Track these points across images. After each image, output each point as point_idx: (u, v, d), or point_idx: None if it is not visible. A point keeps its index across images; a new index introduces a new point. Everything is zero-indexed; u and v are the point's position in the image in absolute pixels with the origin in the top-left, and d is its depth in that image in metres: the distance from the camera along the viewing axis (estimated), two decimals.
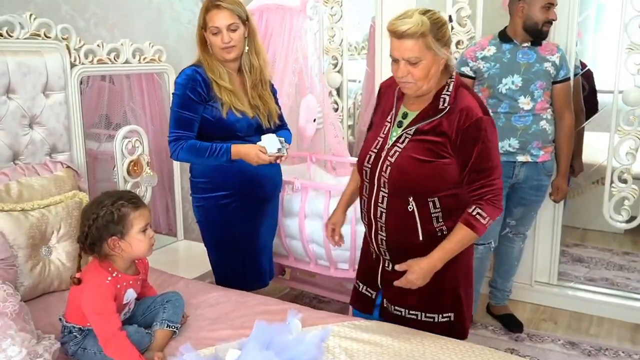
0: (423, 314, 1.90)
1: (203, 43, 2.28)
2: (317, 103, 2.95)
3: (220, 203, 2.31)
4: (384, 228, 1.86)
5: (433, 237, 1.80)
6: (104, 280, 1.71)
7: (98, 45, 2.63)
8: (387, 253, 1.90)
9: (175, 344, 1.79)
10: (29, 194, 2.15)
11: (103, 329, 1.66)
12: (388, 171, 1.79)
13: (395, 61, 1.71)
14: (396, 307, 1.93)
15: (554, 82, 2.71)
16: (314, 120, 2.91)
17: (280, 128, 2.45)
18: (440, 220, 1.80)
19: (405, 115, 1.82)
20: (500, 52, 2.68)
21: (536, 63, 2.64)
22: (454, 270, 1.85)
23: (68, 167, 2.41)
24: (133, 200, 1.77)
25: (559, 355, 2.73)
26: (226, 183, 2.29)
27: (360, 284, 2.08)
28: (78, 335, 1.73)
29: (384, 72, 3.39)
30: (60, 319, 1.78)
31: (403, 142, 1.78)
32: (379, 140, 1.86)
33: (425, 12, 1.67)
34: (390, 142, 1.82)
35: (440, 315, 1.89)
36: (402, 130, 1.80)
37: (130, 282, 1.79)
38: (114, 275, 1.73)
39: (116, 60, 2.72)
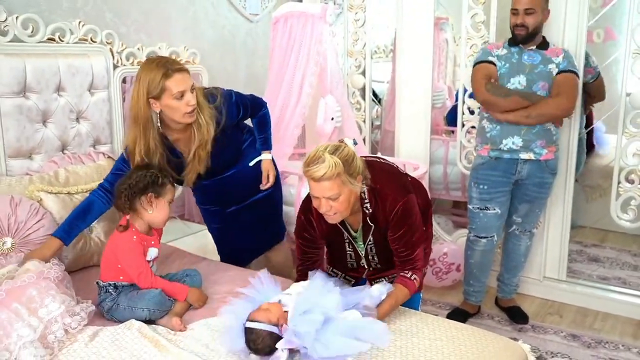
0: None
1: (148, 121, 2.15)
2: (336, 103, 3.16)
3: (208, 209, 2.65)
4: (372, 264, 2.18)
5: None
6: (131, 238, 2.04)
7: (138, 49, 2.93)
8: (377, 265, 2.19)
9: (193, 312, 2.05)
10: (75, 180, 2.47)
11: (138, 270, 2.01)
12: (376, 260, 2.14)
13: (316, 198, 1.87)
14: (377, 280, 2.16)
15: (555, 75, 2.79)
16: (332, 118, 3.12)
17: (254, 120, 2.56)
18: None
19: (355, 239, 2.09)
20: (510, 53, 2.83)
21: (540, 64, 2.78)
22: (419, 237, 2.06)
23: (109, 157, 2.72)
24: (171, 180, 2.16)
25: (559, 346, 2.85)
26: (207, 199, 2.61)
27: (338, 272, 2.26)
28: (113, 292, 2.03)
29: (403, 75, 3.59)
30: (97, 282, 2.07)
31: (372, 250, 2.11)
32: (351, 254, 2.15)
33: (334, 152, 1.83)
34: (363, 253, 2.12)
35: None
36: (366, 245, 2.09)
37: (152, 242, 2.10)
38: (138, 233, 2.07)
39: None
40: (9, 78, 2.37)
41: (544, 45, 2.83)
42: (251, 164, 2.54)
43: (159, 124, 2.19)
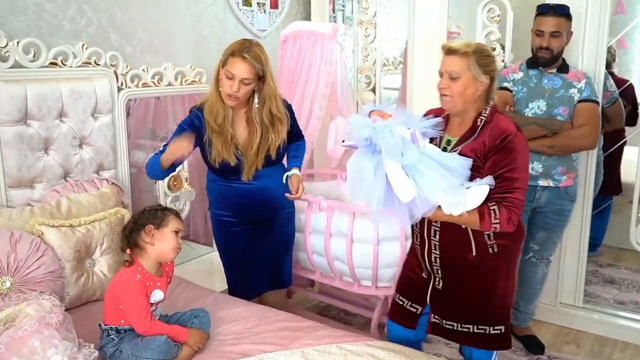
0: (475, 326, 2.07)
1: (217, 78, 2.36)
2: (347, 125, 3.06)
3: (221, 219, 2.53)
4: (437, 246, 2.05)
5: (485, 253, 1.99)
6: (134, 277, 1.94)
7: (143, 70, 2.84)
8: (439, 271, 2.09)
9: (200, 355, 1.97)
10: (77, 210, 2.38)
11: (137, 313, 1.90)
12: None
13: (440, 75, 1.95)
14: (447, 322, 2.11)
15: (577, 103, 2.69)
16: (343, 141, 3.02)
17: (293, 144, 2.60)
18: (492, 237, 1.97)
19: (448, 142, 2.02)
20: (527, 77, 2.73)
21: (561, 89, 2.68)
22: (503, 286, 2.05)
23: (113, 183, 2.63)
24: (175, 211, 2.08)
25: None
26: (225, 204, 2.50)
27: (404, 299, 2.23)
28: (115, 338, 1.93)
29: (415, 88, 3.49)
30: (99, 325, 1.98)
31: None
32: None
33: (478, 44, 1.96)
34: None
35: (492, 328, 2.06)
36: (448, 151, 1.98)
37: (158, 283, 2.00)
38: (142, 272, 1.96)
39: (159, 83, 2.93)
40: (9, 106, 2.28)
41: (564, 68, 2.73)
42: (284, 177, 2.50)
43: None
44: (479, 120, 1.95)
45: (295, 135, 2.60)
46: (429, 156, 1.86)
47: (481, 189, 1.85)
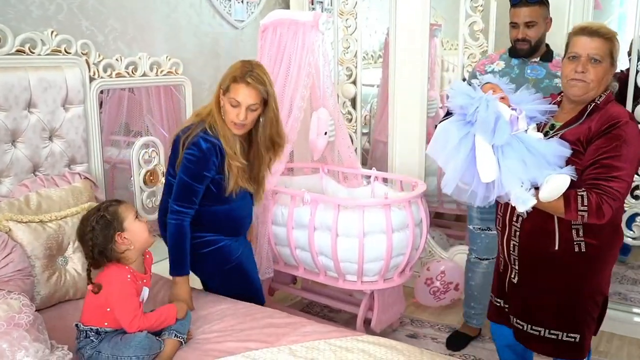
0: (547, 330, 1.93)
1: (219, 103, 2.21)
2: (329, 116, 2.98)
3: (222, 245, 2.33)
4: (517, 233, 1.93)
5: (569, 250, 1.84)
6: (126, 278, 1.82)
7: (117, 59, 2.72)
8: (516, 262, 1.97)
9: (183, 353, 1.87)
10: (48, 205, 2.25)
11: (132, 314, 1.79)
12: None
13: (574, 58, 1.82)
14: (518, 321, 1.99)
15: None
16: (325, 133, 2.95)
17: None
18: (580, 233, 1.82)
19: (552, 127, 1.92)
20: (509, 67, 2.62)
21: (545, 79, 2.59)
22: (587, 291, 1.89)
23: (86, 178, 2.50)
24: (113, 200, 1.93)
25: None
26: (213, 226, 2.30)
27: (493, 296, 2.17)
28: (94, 339, 1.81)
29: (397, 84, 3.43)
30: (76, 325, 1.86)
31: None
32: None
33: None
34: None
35: (565, 334, 1.92)
36: (548, 137, 1.87)
37: (144, 280, 1.90)
38: (132, 272, 1.85)
39: (134, 74, 2.81)
40: None
41: (548, 56, 2.62)
42: None
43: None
44: (589, 105, 1.83)
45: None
46: (524, 142, 1.77)
47: (558, 178, 1.72)
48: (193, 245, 2.21)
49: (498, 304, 2.14)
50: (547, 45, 2.63)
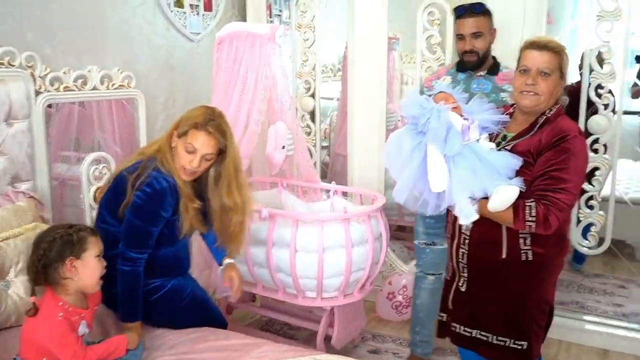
0: (495, 337, 1.95)
1: (170, 144, 2.13)
2: (287, 129, 2.94)
3: (171, 289, 2.22)
4: (467, 241, 1.96)
5: (516, 259, 1.87)
6: (56, 318, 1.70)
7: (64, 73, 2.62)
8: (465, 270, 2.00)
9: None
10: None
11: (70, 352, 1.68)
12: None
13: (524, 72, 1.87)
14: (466, 328, 2.01)
15: None
16: (283, 146, 2.90)
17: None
18: (527, 242, 1.86)
19: (504, 138, 1.95)
20: (455, 81, 2.54)
21: (492, 93, 2.52)
22: (534, 300, 1.92)
23: (30, 196, 2.38)
24: (88, 228, 1.82)
25: None
26: (162, 270, 2.19)
27: (440, 312, 2.20)
28: None
29: (356, 97, 3.42)
30: (14, 359, 1.75)
31: None
32: None
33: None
34: None
35: (513, 341, 1.93)
36: (499, 147, 1.90)
37: (82, 315, 1.78)
38: (65, 308, 1.72)
39: (83, 87, 2.70)
40: None
41: (494, 69, 2.56)
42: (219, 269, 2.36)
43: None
44: (541, 118, 1.88)
45: None
46: (475, 152, 1.81)
47: (508, 189, 1.76)
48: (143, 293, 2.09)
49: (441, 318, 2.16)
50: (494, 58, 2.59)
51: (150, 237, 2.06)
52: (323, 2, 3.72)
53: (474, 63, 2.50)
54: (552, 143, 1.81)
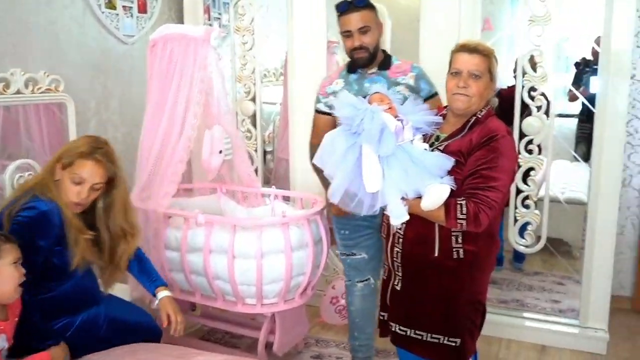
0: (429, 335, 1.96)
1: (53, 177, 2.00)
2: (225, 134, 2.88)
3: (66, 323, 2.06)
4: (401, 240, 1.97)
5: (449, 257, 1.89)
6: None
7: None
8: (399, 269, 2.00)
9: None
10: None
11: None
12: None
13: (456, 74, 1.90)
14: (401, 327, 2.01)
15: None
16: (220, 151, 2.83)
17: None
18: (459, 240, 1.88)
19: (437, 138, 1.97)
20: (348, 83, 2.42)
21: (388, 89, 2.27)
22: (467, 298, 1.94)
23: None
24: (2, 235, 1.73)
25: None
26: (66, 307, 2.05)
27: (380, 312, 2.20)
28: None
29: (297, 101, 3.39)
30: None
31: None
32: None
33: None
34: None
35: (447, 339, 1.95)
36: (432, 148, 1.92)
37: (1, 327, 1.69)
38: None
39: (5, 91, 2.57)
40: None
41: (385, 63, 2.42)
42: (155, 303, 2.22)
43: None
44: (472, 119, 1.92)
45: None
46: (408, 153, 1.83)
47: (439, 188, 1.77)
48: (56, 331, 1.98)
49: (382, 317, 2.17)
50: (384, 51, 2.46)
51: (33, 267, 1.84)
52: (263, 6, 3.69)
53: (365, 59, 2.36)
54: (481, 143, 1.85)
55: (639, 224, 3.47)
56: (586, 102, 3.40)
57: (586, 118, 4.16)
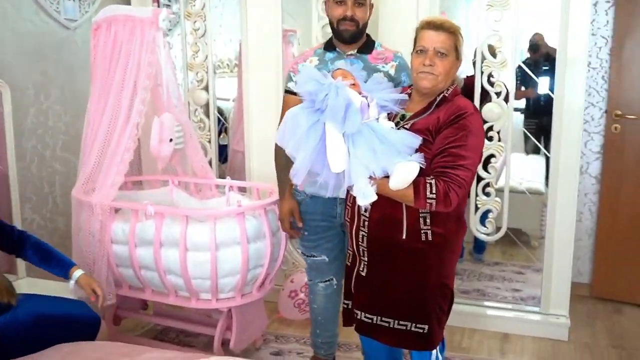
0: (396, 321, 1.89)
1: None
2: (175, 121, 2.73)
3: None
4: (366, 223, 1.88)
5: (417, 239, 1.82)
6: None
7: None
8: (365, 253, 1.92)
9: None
10: None
11: None
12: None
13: (421, 52, 1.83)
14: (367, 315, 1.94)
15: None
16: (171, 139, 2.68)
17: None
18: (427, 222, 1.81)
19: (403, 117, 1.89)
20: (323, 62, 2.26)
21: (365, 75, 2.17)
22: (435, 282, 1.87)
23: None
24: None
25: None
26: None
27: (344, 300, 2.12)
28: None
29: (252, 92, 3.27)
30: None
31: None
32: None
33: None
34: None
35: (414, 325, 1.88)
36: (398, 127, 1.84)
37: None
38: None
39: None
40: None
41: (367, 47, 2.27)
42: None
43: None
44: (438, 97, 1.85)
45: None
46: (375, 131, 1.75)
47: (408, 165, 1.70)
48: None
49: (346, 306, 2.09)
50: (368, 35, 2.32)
51: None
52: None
53: (351, 34, 2.20)
54: (450, 120, 1.79)
55: (597, 211, 3.48)
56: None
57: (532, 113, 4.24)
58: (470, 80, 3.17)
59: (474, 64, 3.04)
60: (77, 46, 3.20)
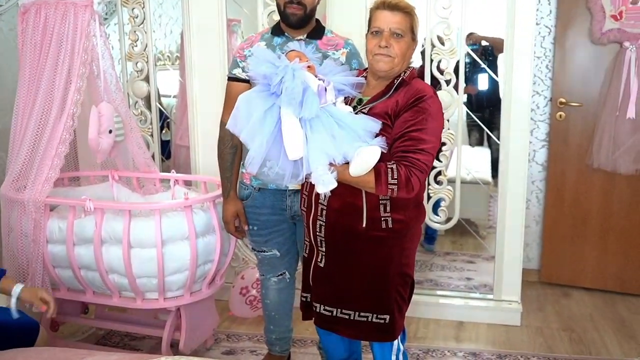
0: (357, 313, 1.85)
1: None
2: (114, 112, 2.56)
3: None
4: (324, 212, 1.82)
5: (377, 227, 1.77)
6: None
7: None
8: (323, 243, 1.86)
9: None
10: None
11: None
12: None
13: (377, 33, 1.77)
14: (326, 307, 1.88)
15: None
16: (110, 131, 2.52)
17: None
18: (387, 209, 1.76)
19: (360, 102, 1.83)
20: (271, 47, 2.14)
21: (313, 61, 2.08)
22: (396, 270, 1.82)
23: None
24: None
25: None
26: None
27: (302, 293, 2.05)
28: None
29: (196, 85, 3.13)
30: None
31: None
32: None
33: None
34: None
35: (376, 316, 1.84)
36: (356, 111, 1.78)
37: None
38: None
39: None
40: None
41: (316, 33, 2.17)
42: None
43: None
44: (396, 80, 1.80)
45: None
46: (333, 115, 1.69)
47: (369, 149, 1.63)
48: None
49: (304, 299, 2.03)
50: (318, 21, 2.22)
51: None
52: None
53: (298, 18, 2.09)
54: (409, 104, 1.74)
55: (544, 198, 3.54)
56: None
57: (475, 107, 4.30)
58: (419, 72, 3.14)
59: (422, 54, 3.02)
60: (3, 33, 2.97)
